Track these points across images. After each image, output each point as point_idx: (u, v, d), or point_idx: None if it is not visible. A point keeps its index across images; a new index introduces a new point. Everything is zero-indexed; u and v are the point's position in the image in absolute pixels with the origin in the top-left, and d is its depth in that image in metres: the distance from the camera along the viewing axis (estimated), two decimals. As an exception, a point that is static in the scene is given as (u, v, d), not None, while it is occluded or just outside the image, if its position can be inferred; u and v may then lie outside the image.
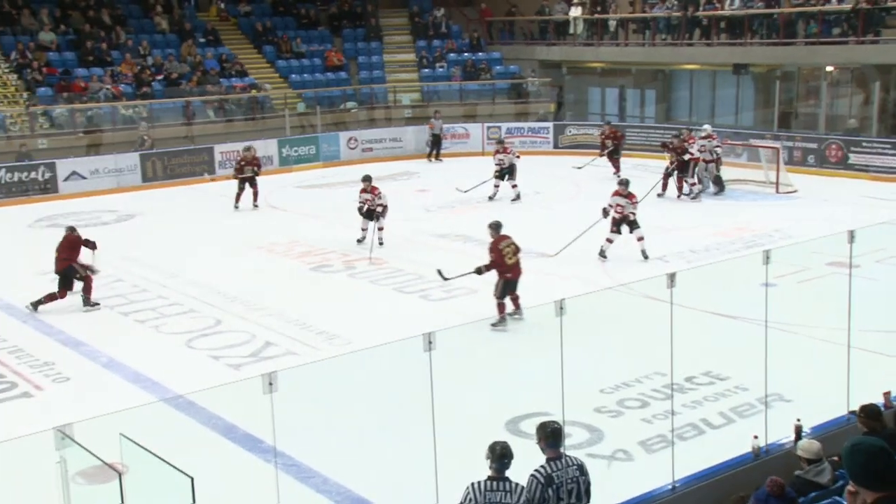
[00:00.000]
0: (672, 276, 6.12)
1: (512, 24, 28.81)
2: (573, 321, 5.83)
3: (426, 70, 26.81)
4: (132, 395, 8.77)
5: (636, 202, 13.44)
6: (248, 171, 17.69)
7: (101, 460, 4.01)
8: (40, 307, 11.57)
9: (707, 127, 18.96)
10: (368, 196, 14.40)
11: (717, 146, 18.43)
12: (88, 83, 22.36)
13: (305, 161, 22.19)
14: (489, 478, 4.98)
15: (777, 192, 18.35)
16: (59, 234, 12.18)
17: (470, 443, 6.25)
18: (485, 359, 9.23)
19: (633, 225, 13.33)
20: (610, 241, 13.35)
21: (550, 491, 5.07)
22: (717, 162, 18.38)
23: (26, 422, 7.96)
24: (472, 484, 4.94)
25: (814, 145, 20.66)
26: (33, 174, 19.56)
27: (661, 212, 16.32)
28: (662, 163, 18.83)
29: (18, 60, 22.29)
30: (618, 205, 13.32)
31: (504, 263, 10.44)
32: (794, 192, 18.32)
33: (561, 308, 5.66)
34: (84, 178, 20.04)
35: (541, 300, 7.46)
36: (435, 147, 23.40)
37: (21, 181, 19.45)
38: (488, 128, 24.47)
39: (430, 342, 5.15)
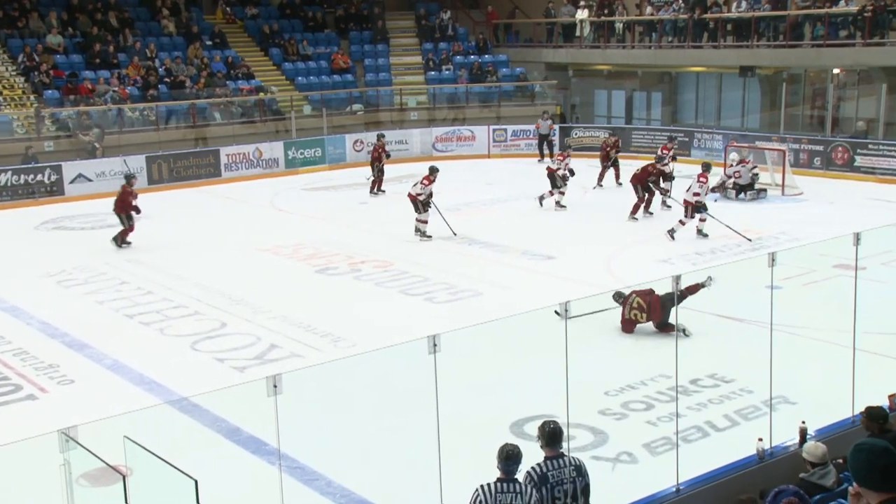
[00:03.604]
0: (677, 279, 6.11)
1: (517, 27, 28.80)
2: (578, 323, 5.82)
3: (432, 72, 26.83)
4: (137, 398, 8.78)
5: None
6: (384, 158, 19.42)
7: (106, 463, 4.02)
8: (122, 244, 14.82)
9: (735, 155, 18.61)
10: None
11: (754, 168, 18.17)
12: (95, 86, 22.44)
13: (311, 163, 22.22)
14: (498, 479, 4.98)
15: (783, 194, 18.33)
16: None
17: (474, 445, 6.26)
18: (490, 361, 9.22)
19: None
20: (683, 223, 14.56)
21: (544, 490, 5.06)
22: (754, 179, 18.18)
23: (31, 424, 7.99)
24: (482, 486, 4.94)
25: (820, 147, 20.63)
26: (39, 176, 19.63)
27: (666, 213, 16.30)
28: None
29: (26, 63, 22.37)
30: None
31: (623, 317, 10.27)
32: (800, 194, 18.28)
33: (566, 310, 5.66)
34: (90, 180, 20.10)
35: (545, 302, 7.45)
36: (545, 147, 22.95)
37: (27, 183, 19.51)
38: (494, 130, 24.46)
39: (434, 344, 5.14)
